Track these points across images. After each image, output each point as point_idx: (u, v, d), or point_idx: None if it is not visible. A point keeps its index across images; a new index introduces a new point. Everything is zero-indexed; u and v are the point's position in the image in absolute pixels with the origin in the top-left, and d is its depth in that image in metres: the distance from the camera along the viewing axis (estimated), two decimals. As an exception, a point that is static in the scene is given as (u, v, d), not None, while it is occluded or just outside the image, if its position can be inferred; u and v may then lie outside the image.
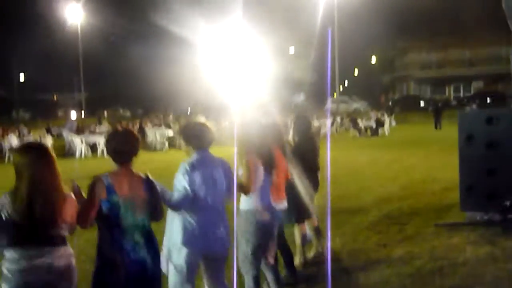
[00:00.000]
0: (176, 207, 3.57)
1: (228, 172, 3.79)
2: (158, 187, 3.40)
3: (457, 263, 5.45)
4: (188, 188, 3.55)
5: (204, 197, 3.60)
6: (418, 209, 7.98)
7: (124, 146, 3.27)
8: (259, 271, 4.19)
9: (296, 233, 5.46)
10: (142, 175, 3.31)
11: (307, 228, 5.58)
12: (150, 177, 3.34)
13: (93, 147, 19.07)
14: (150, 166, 3.51)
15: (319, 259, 5.52)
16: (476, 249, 5.92)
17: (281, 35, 38.88)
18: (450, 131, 8.37)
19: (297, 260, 5.30)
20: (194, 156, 3.67)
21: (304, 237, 5.47)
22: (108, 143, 3.34)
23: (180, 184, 3.57)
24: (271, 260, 4.34)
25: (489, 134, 7.01)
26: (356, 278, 5.16)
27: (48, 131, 24.58)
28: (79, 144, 18.70)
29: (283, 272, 4.82)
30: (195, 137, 3.70)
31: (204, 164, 3.66)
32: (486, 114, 7.32)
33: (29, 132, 22.32)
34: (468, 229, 6.67)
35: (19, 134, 21.24)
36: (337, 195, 8.83)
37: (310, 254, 5.68)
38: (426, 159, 14.26)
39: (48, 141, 18.56)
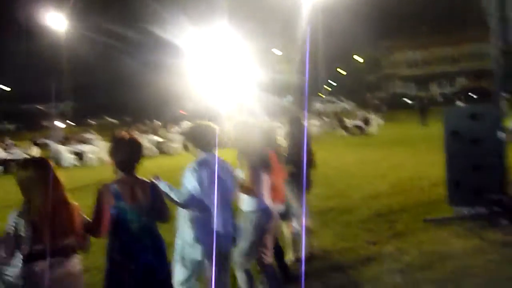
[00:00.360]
0: (185, 205, 3.69)
1: (232, 173, 3.96)
2: (167, 186, 3.53)
3: (446, 257, 5.53)
4: (197, 186, 3.67)
5: (212, 195, 3.72)
6: (407, 206, 8.07)
7: (130, 155, 3.37)
8: (250, 266, 4.29)
9: (285, 231, 5.52)
10: (147, 180, 3.41)
11: (295, 225, 5.63)
12: (155, 181, 3.44)
13: (80, 156, 18.99)
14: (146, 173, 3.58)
15: (309, 257, 5.57)
16: (464, 242, 6.02)
17: (267, 39, 39.03)
18: (437, 128, 8.47)
19: (288, 258, 5.36)
20: (201, 156, 3.81)
21: (293, 235, 5.53)
22: (113, 151, 3.40)
23: (189, 182, 3.69)
24: (269, 259, 4.42)
25: (474, 130, 7.12)
26: (347, 276, 5.22)
27: (35, 142, 24.37)
28: (65, 154, 18.59)
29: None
30: (202, 138, 3.85)
31: (211, 164, 3.79)
32: (470, 110, 7.44)
33: (15, 144, 22.08)
34: (456, 223, 6.77)
35: (5, 146, 21.01)
36: (327, 193, 8.90)
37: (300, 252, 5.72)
38: (413, 156, 14.38)
39: (35, 152, 18.44)
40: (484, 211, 6.83)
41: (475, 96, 37.28)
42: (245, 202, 4.25)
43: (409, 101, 41.76)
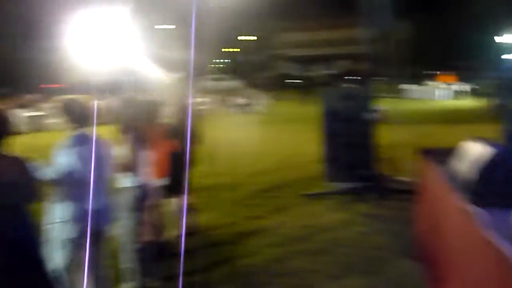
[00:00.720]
0: (57, 182, 3.55)
1: (107, 150, 3.86)
2: (34, 165, 3.34)
3: (321, 229, 5.91)
4: (70, 162, 3.56)
5: (84, 173, 3.61)
6: (288, 182, 8.46)
7: None
8: (135, 245, 4.26)
9: (170, 207, 5.52)
10: (14, 156, 3.20)
11: (178, 201, 5.65)
12: (22, 158, 3.24)
13: None
14: (18, 149, 3.38)
15: (191, 233, 5.63)
16: (337, 215, 6.47)
17: (156, 14, 37.98)
18: (318, 108, 8.98)
19: (170, 234, 5.39)
20: (75, 133, 3.69)
21: (176, 211, 5.55)
22: None
23: (60, 159, 3.57)
24: (150, 236, 4.41)
25: (348, 110, 7.61)
26: (226, 250, 5.37)
27: None
28: None
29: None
30: (78, 113, 3.73)
31: (85, 141, 3.68)
32: (345, 91, 7.96)
33: None
34: (331, 198, 7.25)
35: None
36: (213, 171, 9.00)
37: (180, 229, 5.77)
38: (296, 134, 14.98)
39: None
40: (356, 186, 7.38)
41: (354, 78, 39.62)
42: (123, 179, 4.20)
43: (295, 81, 43.28)
